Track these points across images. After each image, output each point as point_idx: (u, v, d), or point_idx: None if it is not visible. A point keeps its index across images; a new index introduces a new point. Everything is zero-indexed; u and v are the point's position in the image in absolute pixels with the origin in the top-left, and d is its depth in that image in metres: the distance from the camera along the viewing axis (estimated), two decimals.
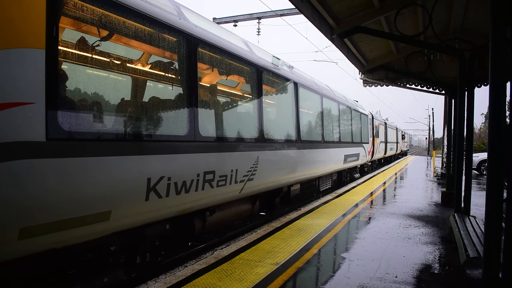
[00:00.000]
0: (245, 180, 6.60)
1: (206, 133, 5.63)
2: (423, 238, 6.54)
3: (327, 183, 13.43)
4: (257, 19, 16.92)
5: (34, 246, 3.44)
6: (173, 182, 4.80)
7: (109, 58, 4.75)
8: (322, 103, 11.62)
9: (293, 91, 9.29)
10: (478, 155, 20.34)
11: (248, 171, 6.67)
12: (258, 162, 6.99)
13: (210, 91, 6.61)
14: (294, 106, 9.35)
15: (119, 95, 4.90)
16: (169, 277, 4.50)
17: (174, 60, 5.42)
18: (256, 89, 7.34)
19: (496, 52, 3.44)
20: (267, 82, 7.92)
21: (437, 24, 8.20)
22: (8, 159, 3.05)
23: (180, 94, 5.29)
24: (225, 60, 6.38)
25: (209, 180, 5.54)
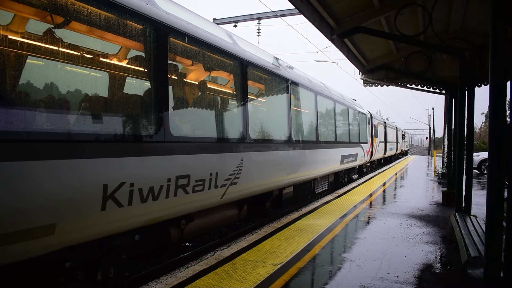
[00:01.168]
0: (227, 184, 6.09)
1: (178, 132, 5.15)
2: (424, 238, 6.53)
3: (323, 185, 12.98)
4: (257, 20, 16.91)
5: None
6: (137, 189, 4.26)
7: (55, 45, 4.02)
8: (317, 101, 11.16)
9: (284, 88, 8.81)
10: (479, 155, 20.33)
11: (230, 174, 6.17)
12: (243, 165, 6.48)
13: (184, 86, 6.12)
14: (285, 104, 8.88)
15: (67, 87, 4.21)
16: (170, 278, 4.50)
17: (138, 50, 4.90)
18: (240, 84, 6.77)
19: (496, 52, 3.44)
20: (253, 77, 7.41)
21: (437, 24, 8.20)
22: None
23: (147, 88, 4.81)
24: (203, 52, 5.86)
25: (183, 186, 5.01)
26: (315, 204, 9.77)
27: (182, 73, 6.12)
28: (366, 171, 21.33)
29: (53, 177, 3.41)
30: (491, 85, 3.48)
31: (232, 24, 17.08)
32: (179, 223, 5.60)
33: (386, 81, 11.98)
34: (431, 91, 12.20)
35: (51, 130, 3.52)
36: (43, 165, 3.34)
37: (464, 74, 7.12)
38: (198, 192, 5.36)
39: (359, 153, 17.04)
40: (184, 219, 5.68)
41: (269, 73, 8.06)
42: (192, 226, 5.85)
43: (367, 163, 20.63)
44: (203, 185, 5.46)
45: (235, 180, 6.29)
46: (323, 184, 12.88)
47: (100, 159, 3.86)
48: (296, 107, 9.72)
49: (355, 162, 16.52)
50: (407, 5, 6.99)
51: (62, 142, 3.54)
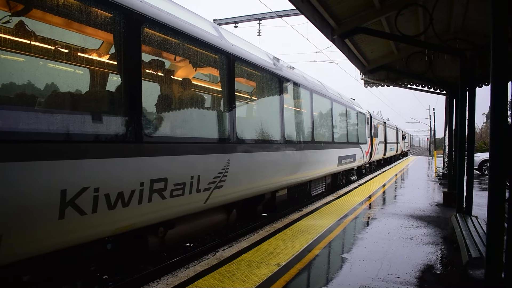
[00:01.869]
0: (211, 188, 5.67)
1: (153, 132, 4.80)
2: (425, 239, 6.53)
3: (320, 187, 12.57)
4: (257, 20, 16.94)
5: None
6: (103, 194, 3.87)
7: None
8: (312, 100, 10.70)
9: (276, 85, 8.37)
10: (480, 155, 20.31)
11: (215, 177, 5.75)
12: (229, 167, 6.07)
13: (161, 81, 5.73)
14: (277, 102, 8.45)
15: (16, 79, 3.87)
16: (171, 278, 4.50)
17: (107, 41, 4.55)
18: (226, 80, 6.35)
19: (497, 52, 3.44)
20: (241, 73, 7.07)
21: (437, 24, 8.20)
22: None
23: (115, 83, 4.42)
24: (184, 44, 5.45)
25: (158, 190, 4.61)
26: (315, 205, 9.76)
27: (159, 67, 5.68)
28: (365, 172, 20.96)
29: None
30: (492, 85, 3.47)
31: (233, 25, 17.11)
32: (158, 230, 5.26)
33: (387, 82, 11.98)
34: (432, 92, 12.20)
35: (8, 128, 3.19)
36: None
37: (464, 75, 7.11)
38: (177, 197, 4.96)
39: (358, 154, 16.67)
40: (163, 226, 5.32)
41: (260, 69, 7.66)
42: (174, 233, 5.51)
43: (366, 164, 20.23)
44: (183, 189, 5.06)
45: (221, 183, 5.90)
46: (319, 186, 12.50)
47: (57, 162, 3.45)
48: (289, 106, 9.43)
49: (354, 163, 16.15)
50: (408, 6, 6.99)
51: (6, 142, 3.13)
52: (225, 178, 6.00)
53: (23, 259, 3.43)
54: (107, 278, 5.45)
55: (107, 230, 4.20)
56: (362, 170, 19.92)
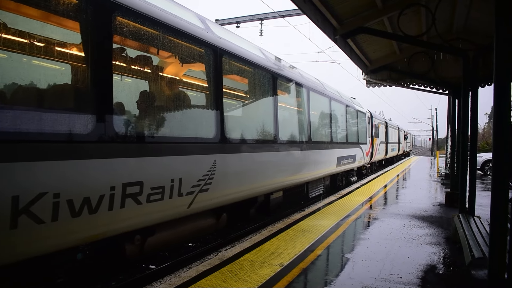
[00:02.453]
0: (195, 191, 5.27)
1: (125, 130, 4.31)
2: (427, 239, 6.52)
3: (318, 188, 12.08)
4: (259, 20, 16.94)
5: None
6: (65, 201, 3.47)
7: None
8: (309, 98, 10.28)
9: (270, 82, 7.94)
10: (482, 155, 20.28)
11: (200, 180, 5.35)
12: (216, 168, 5.65)
13: (135, 75, 5.23)
14: (271, 100, 8.04)
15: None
16: (173, 278, 4.50)
17: (73, 30, 4.12)
18: (212, 76, 5.92)
19: (500, 52, 3.43)
20: (230, 68, 6.71)
21: (440, 24, 8.17)
22: None
23: (83, 77, 4.03)
24: (164, 36, 5.02)
25: (133, 195, 4.21)
26: (318, 205, 9.76)
27: (132, 60, 5.18)
28: (366, 173, 20.58)
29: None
30: (495, 85, 3.47)
31: (235, 25, 17.12)
32: (134, 238, 4.86)
33: (389, 82, 11.96)
34: (434, 92, 12.17)
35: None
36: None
37: (467, 75, 7.11)
38: (155, 201, 4.56)
39: (358, 154, 16.29)
40: (142, 233, 4.91)
41: (251, 65, 7.21)
42: (155, 240, 5.14)
43: (366, 164, 19.85)
44: (163, 194, 4.66)
45: (206, 186, 5.49)
46: (318, 188, 12.04)
47: (6, 164, 3.06)
48: (284, 104, 9.08)
49: (354, 164, 15.77)
50: (410, 6, 6.98)
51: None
52: (211, 180, 5.59)
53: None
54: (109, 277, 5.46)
55: (74, 239, 3.81)
56: (362, 171, 19.55)
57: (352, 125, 15.85)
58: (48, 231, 3.40)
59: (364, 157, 17.63)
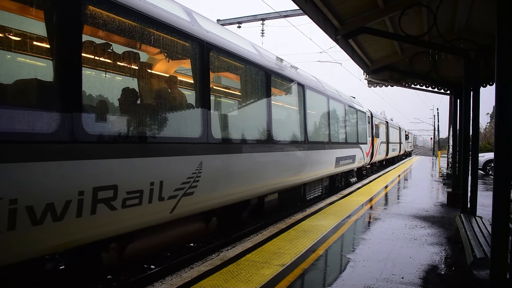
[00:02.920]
0: (178, 195, 4.92)
1: (97, 129, 3.92)
2: (429, 239, 6.51)
3: (316, 190, 11.69)
4: (261, 20, 16.96)
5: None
6: (24, 207, 3.14)
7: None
8: (305, 96, 9.85)
9: (263, 79, 7.55)
10: (484, 155, 20.26)
11: (184, 183, 5.00)
12: (202, 170, 5.30)
13: (111, 67, 4.80)
14: (264, 98, 7.67)
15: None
16: (175, 279, 4.51)
17: (35, 17, 3.84)
18: (198, 71, 5.53)
19: (502, 52, 3.43)
20: (218, 64, 6.33)
21: (441, 24, 8.18)
22: None
23: (46, 69, 3.66)
24: (143, 27, 4.65)
25: (106, 200, 3.88)
26: (319, 205, 9.75)
27: (107, 52, 4.76)
28: (366, 173, 20.21)
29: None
30: (497, 85, 3.47)
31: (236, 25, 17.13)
32: (109, 246, 4.51)
33: (391, 82, 11.95)
34: (436, 92, 12.15)
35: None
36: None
37: (469, 74, 7.10)
38: (132, 207, 4.23)
39: (358, 154, 15.92)
40: (119, 241, 4.57)
41: (242, 60, 6.82)
42: (136, 247, 4.81)
43: (366, 165, 19.45)
44: (141, 198, 4.33)
45: (191, 189, 5.14)
46: (315, 189, 11.64)
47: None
48: (278, 102, 8.78)
49: (353, 165, 15.42)
50: (412, 6, 6.98)
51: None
52: (197, 183, 5.24)
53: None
54: (111, 278, 5.48)
55: (36, 250, 3.47)
56: (362, 172, 19.21)
57: (351, 125, 15.47)
58: (4, 241, 3.08)
59: (364, 157, 17.28)
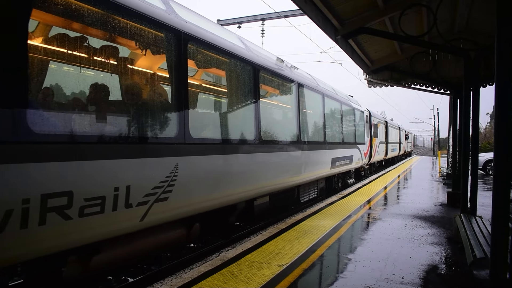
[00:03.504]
0: (149, 201, 4.39)
1: (45, 127, 3.46)
2: (429, 239, 6.51)
3: (311, 192, 11.10)
4: (261, 21, 16.98)
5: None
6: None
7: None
8: (298, 94, 9.31)
9: (249, 74, 7.02)
10: (484, 155, 20.27)
11: (156, 187, 4.47)
12: (178, 173, 4.78)
13: (65, 56, 4.25)
14: (251, 94, 7.11)
15: None
16: (175, 279, 4.51)
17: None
18: (174, 64, 5.04)
19: (502, 52, 3.43)
20: (198, 56, 5.86)
21: (441, 24, 8.18)
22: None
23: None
24: (107, 14, 4.16)
25: (58, 208, 3.42)
26: (319, 205, 9.75)
27: (63, 40, 4.23)
28: (365, 174, 19.65)
29: None
30: (497, 85, 3.47)
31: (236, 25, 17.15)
32: (77, 257, 4.16)
33: (391, 82, 11.96)
34: (436, 92, 12.16)
35: None
36: None
37: (469, 75, 7.10)
38: (93, 215, 3.76)
39: (355, 155, 15.46)
40: (81, 253, 4.13)
41: (225, 54, 6.29)
42: (103, 259, 4.34)
43: (365, 166, 18.84)
44: (103, 205, 3.86)
45: (165, 195, 4.63)
46: (310, 191, 11.04)
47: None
48: (268, 100, 8.34)
49: (351, 165, 14.86)
50: (412, 6, 6.98)
51: None
52: (172, 188, 4.73)
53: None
54: (111, 278, 5.48)
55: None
56: (361, 173, 18.70)
57: (348, 124, 14.97)
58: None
59: (362, 158, 16.85)
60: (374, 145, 20.83)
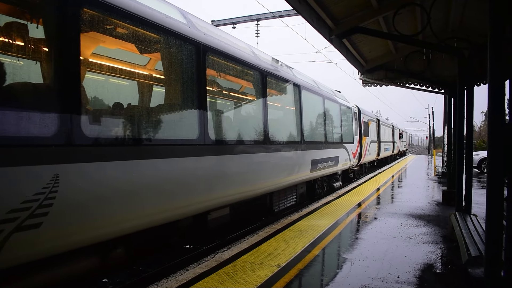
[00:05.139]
0: (4, 231, 3.06)
1: None
2: (424, 238, 6.52)
3: (288, 199, 9.81)
4: (255, 21, 16.99)
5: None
6: None
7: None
8: (266, 85, 7.84)
9: (190, 54, 5.50)
10: (479, 153, 20.35)
11: (15, 211, 3.12)
12: (59, 188, 3.40)
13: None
14: (194, 83, 5.53)
15: None
16: (170, 281, 4.49)
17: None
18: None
19: (495, 51, 3.44)
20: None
21: (435, 23, 8.20)
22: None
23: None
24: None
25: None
26: (315, 205, 9.75)
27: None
28: (354, 176, 18.35)
29: None
30: (490, 84, 3.47)
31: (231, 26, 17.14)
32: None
33: (385, 81, 11.99)
34: (430, 91, 12.21)
35: None
36: None
37: (462, 73, 7.12)
38: None
39: (342, 155, 14.14)
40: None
41: (157, 29, 4.86)
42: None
43: (354, 167, 17.40)
44: None
45: (33, 220, 3.24)
46: (287, 199, 9.76)
47: None
48: (218, 89, 6.95)
49: (336, 167, 13.54)
50: (405, 5, 6.99)
51: None
52: (49, 209, 3.35)
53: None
54: (106, 281, 5.45)
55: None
56: (349, 175, 17.34)
57: (333, 122, 13.55)
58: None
59: (350, 158, 15.56)
60: (365, 145, 19.64)
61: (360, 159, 18.18)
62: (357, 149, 17.23)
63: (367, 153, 20.55)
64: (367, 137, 20.38)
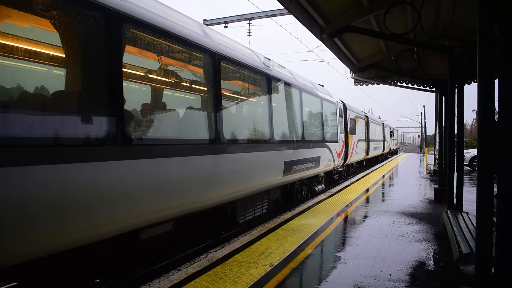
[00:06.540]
0: None
1: None
2: (416, 235, 6.56)
3: (256, 207, 8.47)
4: (247, 20, 16.94)
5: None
6: None
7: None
8: (221, 73, 6.42)
9: (101, 31, 4.12)
10: (470, 151, 20.52)
11: None
12: None
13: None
14: (101, 59, 4.19)
15: None
16: (163, 281, 4.46)
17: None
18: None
19: (484, 49, 3.45)
20: None
21: (426, 22, 8.25)
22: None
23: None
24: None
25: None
26: (308, 204, 9.76)
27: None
28: (340, 177, 16.78)
29: None
30: (479, 82, 3.49)
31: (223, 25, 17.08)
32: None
33: (377, 80, 12.05)
34: (422, 89, 12.31)
35: None
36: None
37: (453, 72, 7.17)
38: None
39: (324, 155, 12.54)
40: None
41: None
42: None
43: (338, 168, 15.67)
44: None
45: None
46: (255, 207, 8.44)
47: None
48: (156, 75, 6.17)
49: (317, 169, 11.99)
50: (396, 4, 7.03)
51: None
52: None
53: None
54: (98, 282, 5.40)
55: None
56: (334, 177, 15.69)
57: (313, 118, 12.25)
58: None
59: (334, 158, 14.02)
60: (351, 144, 18.15)
61: (346, 159, 16.76)
62: (342, 148, 15.82)
63: (354, 152, 19.08)
64: (354, 135, 19.05)
